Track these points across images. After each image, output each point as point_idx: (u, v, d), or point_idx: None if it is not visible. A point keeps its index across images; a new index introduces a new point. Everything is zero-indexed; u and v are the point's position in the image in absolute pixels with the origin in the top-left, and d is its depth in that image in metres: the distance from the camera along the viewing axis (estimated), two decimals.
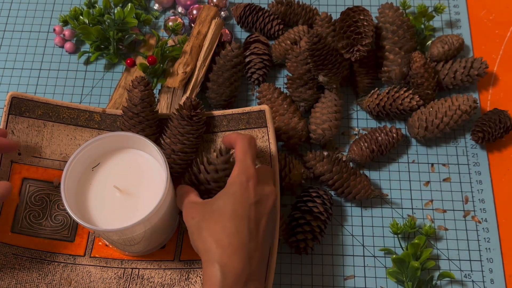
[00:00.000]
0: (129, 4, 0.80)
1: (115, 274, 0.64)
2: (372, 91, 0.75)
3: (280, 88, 0.75)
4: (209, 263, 0.52)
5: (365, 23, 0.71)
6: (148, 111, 0.65)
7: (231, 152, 0.61)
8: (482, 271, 0.67)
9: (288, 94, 0.75)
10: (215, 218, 0.54)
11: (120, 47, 0.80)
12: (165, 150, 0.66)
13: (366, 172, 0.73)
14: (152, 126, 0.67)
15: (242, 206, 0.54)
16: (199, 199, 0.59)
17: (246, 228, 0.53)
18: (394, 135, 0.72)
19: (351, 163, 0.73)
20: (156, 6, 0.85)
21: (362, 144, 0.72)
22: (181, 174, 0.67)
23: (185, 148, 0.65)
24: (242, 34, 0.84)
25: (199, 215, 0.56)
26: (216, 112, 0.68)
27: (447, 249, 0.68)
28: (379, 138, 0.72)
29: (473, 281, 0.67)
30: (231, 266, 0.51)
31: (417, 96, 0.74)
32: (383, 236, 0.69)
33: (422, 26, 0.80)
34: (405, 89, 0.74)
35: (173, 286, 0.63)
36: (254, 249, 0.53)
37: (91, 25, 0.80)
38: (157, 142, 0.68)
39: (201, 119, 0.66)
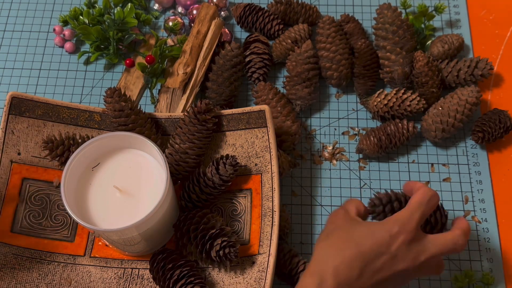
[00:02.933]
0: (129, 4, 0.80)
1: (115, 274, 0.64)
2: (378, 91, 0.75)
3: (277, 88, 0.75)
4: (312, 272, 0.52)
5: None
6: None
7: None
8: (482, 271, 0.67)
9: (284, 94, 0.75)
10: (344, 238, 0.53)
11: (120, 47, 0.80)
12: (175, 150, 0.66)
13: (366, 173, 0.73)
14: (145, 126, 0.67)
15: (371, 249, 0.52)
16: (353, 214, 0.57)
17: (359, 269, 0.51)
18: (405, 127, 0.72)
19: (360, 155, 0.73)
20: (156, 6, 0.85)
21: (371, 134, 0.72)
22: (190, 173, 0.67)
23: (195, 147, 0.66)
24: (242, 34, 0.84)
25: (338, 225, 0.56)
26: (216, 112, 0.68)
27: None
28: (388, 128, 0.72)
29: None
30: (327, 286, 0.51)
31: (424, 100, 0.73)
32: None
33: (422, 25, 0.80)
34: (411, 91, 0.74)
35: None
36: None
37: (91, 25, 0.80)
38: (163, 141, 0.68)
39: (213, 121, 0.67)
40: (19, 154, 0.67)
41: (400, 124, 0.72)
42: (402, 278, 0.54)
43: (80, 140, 0.66)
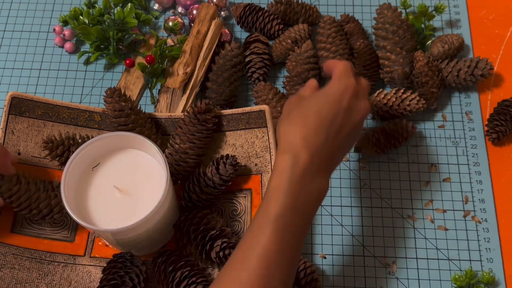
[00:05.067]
0: (129, 4, 0.80)
1: None
2: (378, 91, 0.75)
3: (277, 88, 0.75)
4: (283, 149, 0.54)
5: None
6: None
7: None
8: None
9: (284, 94, 0.75)
10: (302, 112, 0.56)
11: (120, 47, 0.80)
12: (175, 150, 0.66)
13: (366, 173, 0.73)
14: (145, 126, 0.67)
15: (330, 109, 0.56)
16: (307, 94, 0.60)
17: (326, 131, 0.55)
18: (404, 127, 0.71)
19: (360, 154, 0.74)
20: (156, 6, 0.85)
21: (369, 134, 0.72)
22: (190, 173, 0.67)
23: (195, 147, 0.66)
24: (242, 34, 0.84)
25: (292, 106, 0.58)
26: (216, 112, 0.68)
27: (447, 249, 0.68)
28: (387, 128, 0.72)
29: None
30: (302, 158, 0.53)
31: (423, 99, 0.74)
32: (383, 236, 0.69)
33: (422, 25, 0.80)
34: (411, 91, 0.74)
35: None
36: (327, 151, 0.55)
37: (91, 25, 0.80)
38: (163, 141, 0.68)
39: (213, 121, 0.67)
40: (19, 154, 0.67)
41: (399, 124, 0.72)
42: (359, 130, 0.59)
43: (80, 140, 0.66)
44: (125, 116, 0.65)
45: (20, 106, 0.67)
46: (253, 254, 0.50)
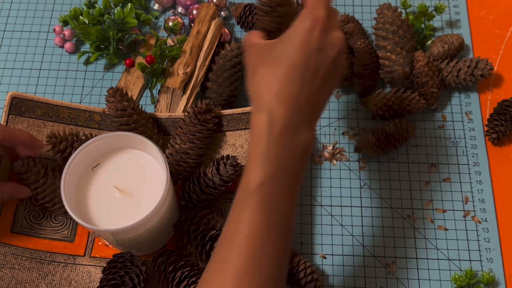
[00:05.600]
0: (129, 4, 0.80)
1: None
2: (378, 91, 0.75)
3: None
4: (257, 110, 0.49)
5: None
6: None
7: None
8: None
9: None
10: (270, 63, 0.50)
11: (120, 47, 0.80)
12: (176, 150, 0.67)
13: (366, 173, 0.73)
14: (147, 126, 0.67)
15: (300, 53, 0.49)
16: (261, 40, 0.54)
17: (300, 79, 0.49)
18: (404, 127, 0.72)
19: (360, 154, 0.73)
20: (156, 6, 0.85)
21: (369, 134, 0.72)
22: (190, 173, 0.67)
23: (195, 147, 0.66)
24: (242, 34, 0.84)
25: (256, 57, 0.52)
26: (216, 112, 0.68)
27: (447, 249, 0.68)
28: (387, 128, 0.72)
29: None
30: (278, 114, 0.48)
31: (423, 99, 0.74)
32: (383, 236, 0.69)
33: (422, 25, 0.80)
34: (411, 90, 0.74)
35: None
36: (306, 100, 0.49)
37: (91, 25, 0.80)
38: (164, 141, 0.68)
39: (214, 121, 0.67)
40: None
41: (399, 124, 0.72)
42: (340, 65, 0.52)
43: (83, 138, 0.66)
44: (127, 116, 0.65)
45: (20, 106, 0.67)
46: (239, 231, 0.45)
